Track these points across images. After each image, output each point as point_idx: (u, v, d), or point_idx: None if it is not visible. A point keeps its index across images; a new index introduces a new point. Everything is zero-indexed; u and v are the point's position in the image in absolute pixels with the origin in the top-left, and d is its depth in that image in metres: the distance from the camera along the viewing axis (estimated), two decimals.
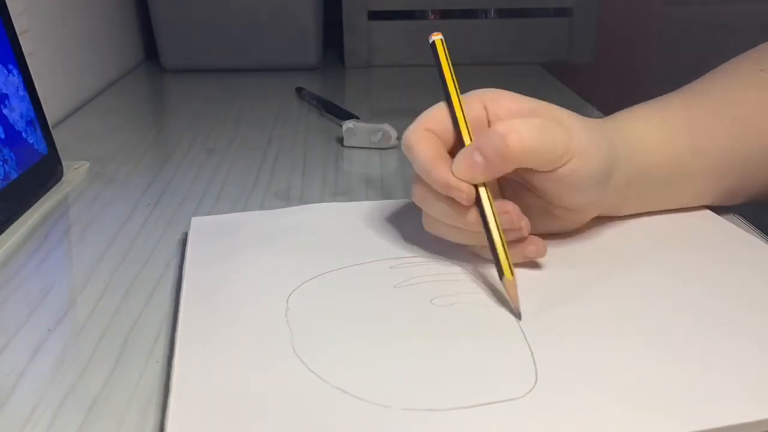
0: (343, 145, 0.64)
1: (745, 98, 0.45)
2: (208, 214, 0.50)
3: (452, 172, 0.37)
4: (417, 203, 0.40)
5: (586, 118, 0.40)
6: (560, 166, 0.37)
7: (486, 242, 0.37)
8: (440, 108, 0.39)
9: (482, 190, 0.37)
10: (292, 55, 0.97)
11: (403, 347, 0.32)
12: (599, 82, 1.12)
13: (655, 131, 0.42)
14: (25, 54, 0.54)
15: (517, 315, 0.35)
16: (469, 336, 0.33)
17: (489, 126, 0.39)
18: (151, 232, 0.47)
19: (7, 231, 0.46)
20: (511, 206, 0.37)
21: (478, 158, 0.36)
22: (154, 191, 0.54)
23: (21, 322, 0.37)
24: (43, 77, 0.67)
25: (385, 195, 0.53)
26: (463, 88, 0.40)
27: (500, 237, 0.36)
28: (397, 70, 0.99)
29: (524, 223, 0.37)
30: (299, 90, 0.83)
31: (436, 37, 0.41)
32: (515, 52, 1.01)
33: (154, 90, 0.96)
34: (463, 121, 0.38)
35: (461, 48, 0.99)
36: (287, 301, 0.36)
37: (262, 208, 0.51)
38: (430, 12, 1.00)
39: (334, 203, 0.49)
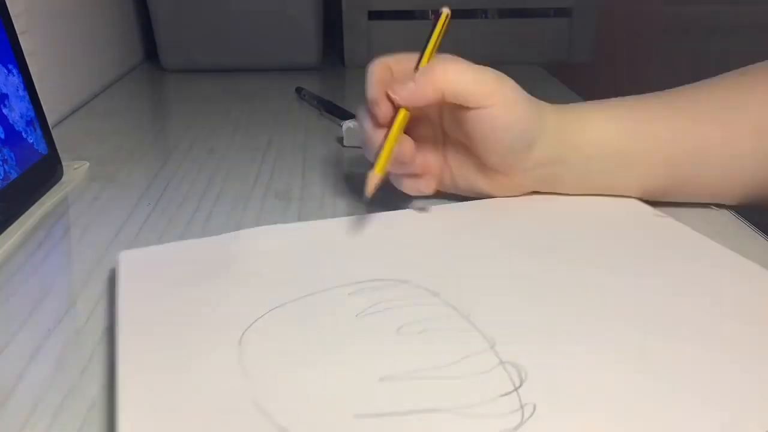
0: (343, 145, 0.64)
1: (711, 95, 0.46)
2: (209, 214, 0.50)
3: (386, 95, 0.43)
4: (357, 119, 0.46)
5: (527, 94, 0.44)
6: (485, 106, 0.42)
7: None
8: (408, 55, 0.46)
9: (401, 114, 0.43)
10: (292, 55, 0.97)
11: (376, 392, 0.29)
12: (599, 82, 1.12)
13: (598, 113, 0.45)
14: (25, 54, 0.54)
15: (366, 201, 0.42)
16: (446, 369, 0.31)
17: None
18: (151, 232, 0.47)
19: (7, 231, 0.46)
20: (409, 143, 0.43)
21: (410, 84, 0.43)
22: (154, 191, 0.54)
23: (21, 322, 0.37)
24: (43, 77, 0.67)
25: (385, 195, 0.53)
26: None
27: (390, 144, 0.43)
28: None
29: (419, 160, 0.44)
30: (299, 90, 0.83)
31: (445, 10, 0.51)
32: (515, 52, 1.01)
33: (154, 90, 0.96)
34: (428, 57, 0.46)
35: (461, 48, 0.98)
36: (240, 343, 0.32)
37: (262, 208, 0.51)
38: (430, 12, 1.00)
39: (279, 225, 0.45)
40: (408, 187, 0.46)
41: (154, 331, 0.34)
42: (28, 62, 0.54)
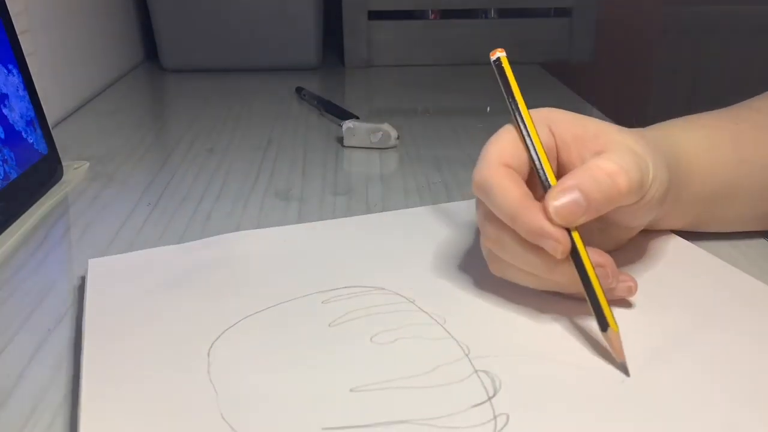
0: (343, 145, 0.64)
1: None
2: (208, 214, 0.50)
3: (544, 217, 0.32)
4: (489, 247, 0.35)
5: (638, 131, 0.37)
6: (644, 196, 0.34)
7: (574, 290, 0.33)
8: (511, 137, 0.35)
9: (576, 237, 0.32)
10: (292, 55, 0.97)
11: (347, 403, 0.29)
12: (599, 82, 1.12)
13: (699, 142, 0.40)
14: (25, 54, 0.54)
15: (625, 371, 0.30)
16: (418, 379, 0.30)
17: (557, 153, 0.36)
18: (151, 232, 0.47)
19: (7, 231, 0.46)
20: (606, 259, 0.33)
21: (580, 199, 0.32)
22: (154, 191, 0.54)
23: (21, 322, 0.37)
24: (43, 77, 0.67)
25: (385, 195, 0.53)
26: (463, 86, 0.40)
27: (598, 285, 0.32)
28: (397, 70, 0.98)
29: (616, 274, 0.34)
30: (299, 90, 0.83)
31: (501, 54, 0.37)
32: (515, 52, 1.00)
33: (154, 90, 0.96)
34: (545, 156, 0.34)
35: (461, 48, 0.99)
36: (209, 354, 0.32)
37: (262, 208, 0.51)
38: (430, 12, 1.00)
39: (253, 231, 0.44)
40: (611, 294, 0.34)
41: (120, 341, 0.33)
42: (28, 62, 0.54)
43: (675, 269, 0.39)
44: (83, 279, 0.40)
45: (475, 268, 0.39)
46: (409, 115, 0.76)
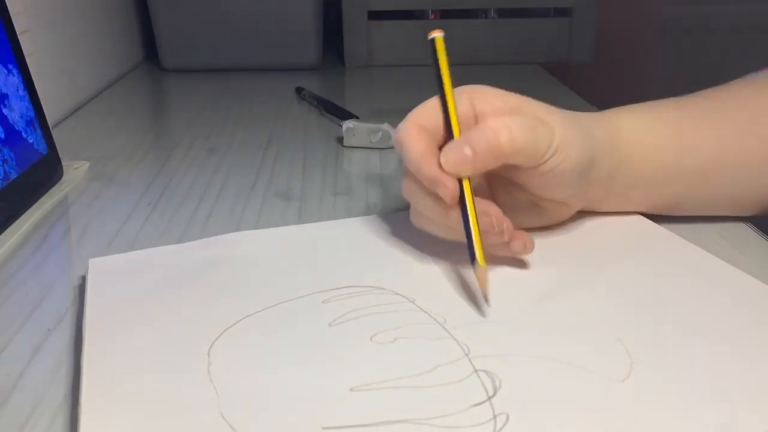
0: (343, 145, 0.64)
1: (749, 103, 0.44)
2: (208, 214, 0.50)
3: (440, 167, 0.37)
4: (405, 197, 0.40)
5: (565, 112, 0.40)
6: (542, 163, 0.38)
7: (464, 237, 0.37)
8: (431, 104, 0.40)
9: (465, 185, 0.37)
10: (292, 55, 0.97)
11: (347, 403, 0.29)
12: (599, 82, 1.12)
13: (640, 125, 0.43)
14: (25, 54, 0.54)
15: (486, 301, 0.35)
16: (418, 379, 0.30)
17: (475, 123, 0.39)
18: (151, 232, 0.47)
19: (7, 231, 0.46)
20: (493, 209, 0.38)
21: (468, 152, 0.37)
22: (154, 191, 0.54)
23: (21, 322, 0.37)
24: (43, 77, 0.67)
25: (385, 195, 0.53)
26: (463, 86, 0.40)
27: (476, 225, 0.37)
28: (397, 70, 0.99)
29: (506, 225, 0.37)
30: (299, 90, 0.83)
31: (437, 35, 0.42)
32: (515, 52, 1.01)
33: (154, 90, 0.96)
34: (455, 116, 0.39)
35: (461, 48, 0.99)
36: (209, 354, 0.32)
37: (262, 208, 0.51)
38: (430, 12, 1.00)
39: (253, 231, 0.44)
40: (505, 250, 0.39)
41: (120, 341, 0.33)
42: (28, 62, 0.54)
43: (643, 252, 0.40)
44: (83, 279, 0.40)
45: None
46: None
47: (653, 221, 0.44)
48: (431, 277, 0.38)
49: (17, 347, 0.34)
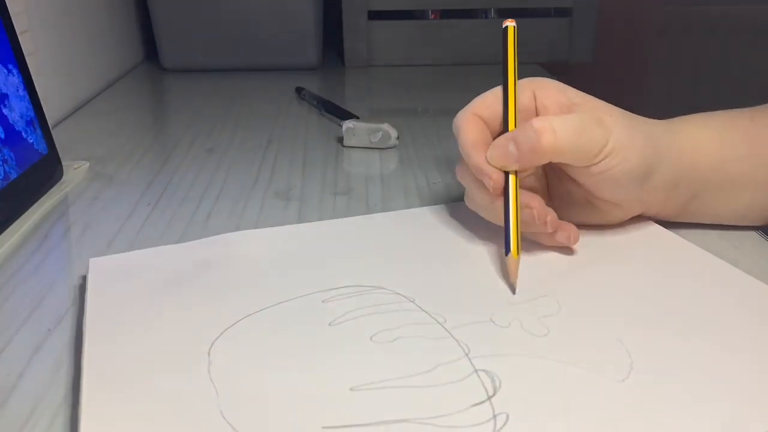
0: (343, 145, 0.64)
1: None
2: (208, 214, 0.50)
3: (486, 159, 0.38)
4: (459, 180, 0.42)
5: (630, 115, 0.40)
6: (594, 164, 0.38)
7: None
8: (493, 94, 0.41)
9: (512, 178, 0.38)
10: (292, 55, 0.97)
11: (346, 402, 0.29)
12: (599, 82, 1.12)
13: (711, 134, 0.42)
14: (25, 54, 0.54)
15: (512, 290, 0.36)
16: (418, 378, 0.30)
17: (536, 116, 0.40)
18: (151, 232, 0.47)
19: (7, 231, 0.46)
20: (536, 201, 0.38)
21: (512, 149, 0.38)
22: (154, 191, 0.54)
23: (21, 322, 0.37)
24: (43, 77, 0.67)
25: (385, 195, 0.53)
26: (463, 86, 0.40)
27: (515, 218, 0.38)
28: (397, 70, 0.98)
29: (550, 218, 0.38)
30: (299, 90, 0.83)
31: (510, 23, 0.43)
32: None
33: (154, 90, 0.96)
34: (513, 109, 0.40)
35: (461, 48, 0.98)
36: (209, 354, 0.32)
37: (262, 208, 0.51)
38: (430, 12, 1.00)
39: (255, 230, 0.44)
40: (551, 240, 0.40)
41: (120, 340, 0.33)
42: (28, 62, 0.54)
43: (656, 259, 0.40)
44: (84, 278, 0.40)
45: (475, 267, 0.39)
46: (409, 115, 0.76)
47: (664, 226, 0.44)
48: (432, 276, 0.38)
49: (17, 347, 0.34)
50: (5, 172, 0.48)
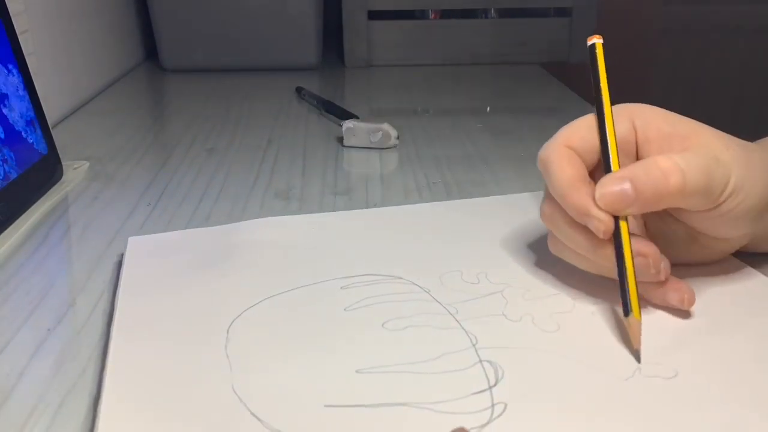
0: (343, 145, 0.64)
1: None
2: (208, 214, 0.50)
3: (593, 199, 0.33)
4: (544, 223, 0.36)
5: (744, 144, 0.35)
6: (718, 206, 0.33)
7: (615, 276, 0.33)
8: (586, 123, 0.36)
9: (623, 225, 0.33)
10: (292, 55, 0.97)
11: (351, 383, 0.30)
12: None
13: None
14: (25, 54, 0.54)
15: (637, 358, 0.31)
16: (424, 365, 0.31)
17: (636, 147, 0.35)
18: (150, 232, 0.47)
19: (7, 231, 0.46)
20: (651, 249, 0.34)
21: (629, 190, 0.32)
22: (154, 191, 0.54)
23: (21, 322, 0.37)
24: (43, 77, 0.67)
25: (385, 195, 0.53)
26: (463, 86, 0.40)
27: (632, 273, 0.33)
28: (397, 70, 0.98)
29: (663, 266, 0.34)
30: (299, 90, 0.83)
31: (597, 40, 0.37)
32: (515, 52, 1.00)
33: (154, 90, 0.96)
34: (614, 142, 0.34)
35: (461, 48, 0.98)
36: (228, 331, 0.33)
37: (262, 208, 0.51)
38: (430, 12, 1.00)
39: (281, 217, 0.46)
40: (659, 299, 0.35)
41: (149, 312, 0.35)
42: (28, 62, 0.54)
43: (733, 295, 0.37)
44: (122, 255, 0.42)
45: (493, 262, 0.40)
46: (409, 115, 0.76)
47: None
48: (450, 270, 0.39)
49: (17, 347, 0.34)
50: (5, 172, 0.48)
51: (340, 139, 0.65)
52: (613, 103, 0.36)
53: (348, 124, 0.64)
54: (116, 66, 0.95)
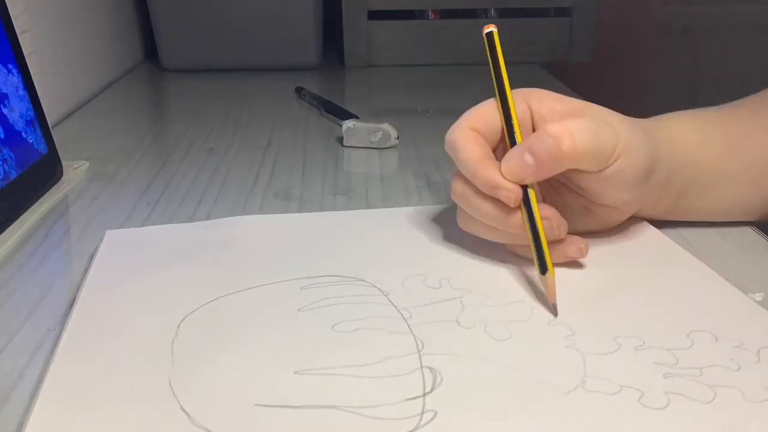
0: (343, 145, 0.64)
1: None
2: (208, 214, 0.50)
3: (500, 172, 0.36)
4: (456, 201, 0.39)
5: (627, 117, 0.39)
6: (608, 167, 0.37)
7: (525, 241, 0.37)
8: (487, 106, 0.39)
9: (531, 193, 0.37)
10: (292, 55, 0.97)
11: (286, 384, 0.30)
12: (599, 82, 1.12)
13: (691, 132, 0.42)
14: (25, 54, 0.54)
15: (554, 311, 0.34)
16: (363, 369, 0.31)
17: (533, 126, 0.39)
18: None
19: (7, 231, 0.46)
20: (552, 212, 0.37)
21: (529, 159, 0.36)
22: (153, 191, 0.54)
23: (21, 322, 0.37)
24: (43, 77, 0.67)
25: (385, 195, 0.53)
26: (463, 86, 0.40)
27: (543, 233, 0.36)
28: (397, 70, 0.99)
29: (563, 227, 0.37)
30: (299, 90, 0.83)
31: (492, 29, 0.40)
32: (515, 52, 1.00)
33: (154, 90, 0.96)
34: (517, 120, 0.38)
35: (461, 48, 0.98)
36: (178, 326, 0.34)
37: (261, 208, 0.51)
38: (430, 12, 1.00)
39: (259, 216, 0.47)
40: (560, 256, 0.38)
41: (109, 303, 0.36)
42: (28, 62, 0.54)
43: (638, 256, 0.40)
44: (97, 248, 0.43)
45: (458, 268, 0.39)
46: (409, 115, 0.76)
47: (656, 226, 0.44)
48: (413, 274, 0.39)
49: (17, 347, 0.34)
50: (5, 172, 0.48)
51: (340, 139, 0.65)
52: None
53: (348, 124, 0.64)
54: (116, 66, 0.95)
